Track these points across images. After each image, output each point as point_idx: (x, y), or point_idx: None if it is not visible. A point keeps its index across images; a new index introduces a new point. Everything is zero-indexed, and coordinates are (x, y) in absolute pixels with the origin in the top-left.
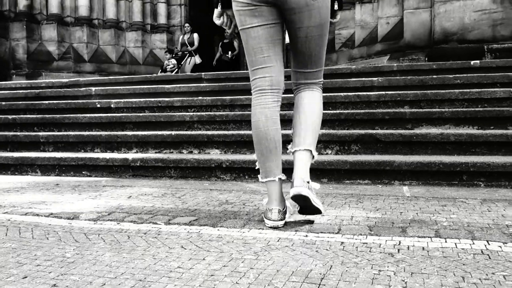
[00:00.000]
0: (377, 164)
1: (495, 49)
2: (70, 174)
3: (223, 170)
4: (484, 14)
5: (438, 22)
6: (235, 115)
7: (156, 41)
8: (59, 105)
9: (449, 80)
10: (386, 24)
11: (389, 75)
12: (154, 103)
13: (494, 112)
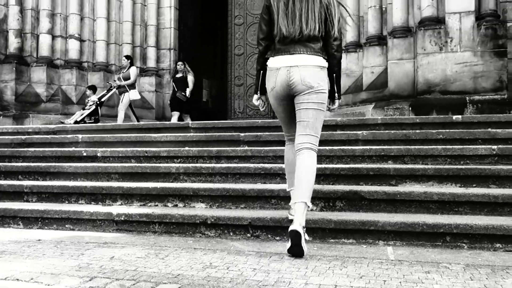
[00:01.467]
0: (361, 224)
1: (477, 101)
2: (53, 228)
3: (208, 226)
4: (465, 66)
5: (421, 73)
6: (221, 167)
7: (145, 84)
8: (45, 152)
9: (432, 135)
10: (371, 73)
11: (373, 128)
12: (141, 153)
13: (476, 170)
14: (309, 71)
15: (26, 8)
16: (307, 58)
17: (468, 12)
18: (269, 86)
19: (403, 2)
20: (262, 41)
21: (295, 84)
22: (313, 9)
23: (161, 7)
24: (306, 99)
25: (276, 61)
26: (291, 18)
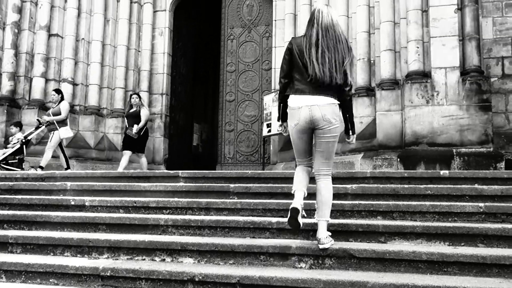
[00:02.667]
0: (351, 285)
1: (464, 153)
2: (37, 282)
3: (196, 284)
4: (451, 119)
5: (409, 125)
6: (210, 220)
7: None
8: (32, 200)
9: (420, 191)
10: (360, 123)
11: (363, 181)
12: (130, 203)
13: (464, 228)
14: (328, 109)
15: (21, 52)
16: (324, 99)
17: (453, 67)
18: (292, 123)
19: (391, 56)
20: (282, 79)
21: (317, 121)
22: (340, 67)
23: (154, 53)
24: (325, 132)
25: (297, 101)
26: (320, 69)
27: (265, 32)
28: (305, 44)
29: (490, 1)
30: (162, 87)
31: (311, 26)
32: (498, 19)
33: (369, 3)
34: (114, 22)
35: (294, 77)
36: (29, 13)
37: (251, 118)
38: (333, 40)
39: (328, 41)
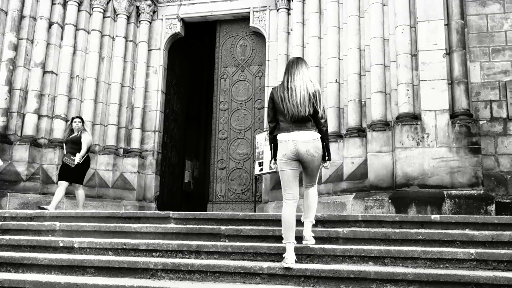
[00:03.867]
0: None
1: (454, 196)
2: None
3: None
4: (442, 161)
5: (400, 166)
6: (201, 265)
7: (128, 165)
8: (20, 241)
9: (412, 236)
10: (351, 163)
11: (354, 225)
12: (119, 245)
13: (455, 276)
14: (311, 144)
15: (15, 88)
16: (306, 134)
17: (443, 110)
18: (281, 153)
19: (381, 98)
20: (270, 123)
21: (302, 154)
22: (306, 99)
23: (148, 90)
24: (309, 163)
25: (284, 136)
26: (298, 104)
27: (258, 72)
28: (281, 90)
29: (478, 46)
30: (155, 124)
31: (285, 74)
32: (486, 63)
33: (359, 46)
34: (109, 60)
35: (279, 119)
36: (24, 50)
37: (243, 156)
38: (300, 81)
39: (296, 83)
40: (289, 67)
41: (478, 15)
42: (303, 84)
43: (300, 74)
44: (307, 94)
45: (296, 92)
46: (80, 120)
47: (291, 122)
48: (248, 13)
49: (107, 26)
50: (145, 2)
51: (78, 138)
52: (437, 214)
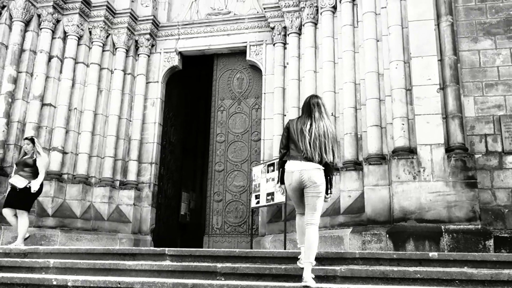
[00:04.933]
0: None
1: (452, 230)
2: None
3: None
4: (439, 196)
5: (397, 200)
6: None
7: (124, 197)
8: (13, 279)
9: (410, 274)
10: (348, 197)
11: (351, 262)
12: (114, 284)
13: None
14: (314, 173)
15: (13, 121)
16: (311, 164)
17: (438, 144)
18: (287, 183)
19: (377, 132)
20: (282, 150)
21: (305, 181)
22: (329, 146)
23: (145, 122)
24: (312, 190)
25: (291, 166)
26: (313, 148)
27: (255, 104)
28: (300, 128)
29: (471, 81)
30: (151, 156)
31: (306, 116)
32: (479, 98)
33: (355, 80)
34: (107, 92)
35: (290, 147)
36: (24, 83)
37: (239, 188)
38: (323, 130)
39: (319, 131)
40: (311, 109)
41: (471, 51)
42: (328, 137)
43: (323, 122)
44: (323, 146)
45: (320, 142)
46: (30, 142)
47: (302, 154)
48: (245, 47)
49: (106, 60)
50: (144, 36)
51: (31, 161)
52: (435, 249)
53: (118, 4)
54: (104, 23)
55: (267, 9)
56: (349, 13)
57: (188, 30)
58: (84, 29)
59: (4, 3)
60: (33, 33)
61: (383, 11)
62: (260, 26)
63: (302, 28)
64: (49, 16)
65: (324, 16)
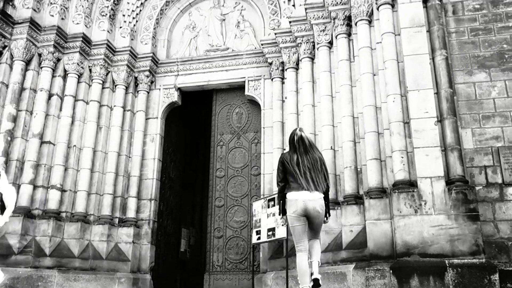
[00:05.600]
0: None
1: (456, 265)
2: None
3: None
4: (441, 229)
5: (399, 235)
6: None
7: (123, 235)
8: None
9: None
10: (350, 231)
11: None
12: None
13: None
14: (317, 203)
15: (12, 159)
16: (314, 194)
17: (438, 177)
18: (291, 211)
19: (377, 165)
20: (280, 183)
21: (310, 211)
22: (321, 177)
23: (145, 159)
24: (315, 218)
25: (294, 195)
26: (307, 181)
27: (254, 139)
28: (290, 162)
29: (468, 113)
30: (151, 192)
31: (293, 151)
32: (477, 130)
33: (353, 114)
34: (106, 129)
35: (289, 179)
36: (23, 122)
37: (240, 224)
38: (311, 162)
39: (309, 164)
40: (295, 145)
41: (466, 83)
42: (318, 166)
43: (309, 153)
44: (317, 177)
45: (311, 174)
46: None
47: (300, 185)
48: (244, 82)
49: (106, 96)
50: (143, 73)
51: None
52: (440, 284)
53: (118, 42)
54: (104, 61)
55: (265, 45)
56: (345, 48)
57: (187, 67)
58: (84, 67)
59: (6, 43)
60: (33, 72)
61: (378, 46)
62: (258, 62)
63: (299, 63)
64: (50, 55)
65: (320, 52)
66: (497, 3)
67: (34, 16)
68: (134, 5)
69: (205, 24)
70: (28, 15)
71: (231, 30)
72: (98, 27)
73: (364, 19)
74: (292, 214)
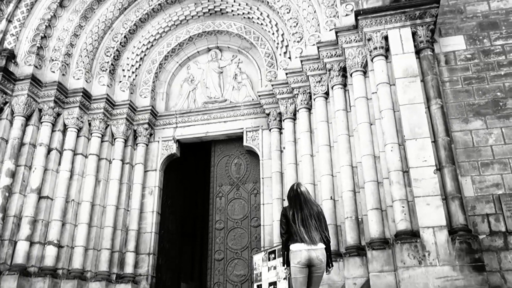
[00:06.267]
0: None
1: None
2: None
3: None
4: (447, 281)
5: (404, 287)
6: None
7: None
8: None
9: None
10: (353, 284)
11: None
12: None
13: None
14: (320, 252)
15: (9, 215)
16: (316, 246)
17: (441, 226)
18: (295, 261)
19: (378, 215)
20: (284, 235)
21: (313, 260)
22: (321, 230)
23: (143, 212)
24: (317, 268)
25: (298, 246)
26: (308, 234)
27: (253, 189)
28: (291, 217)
29: (466, 161)
30: (149, 246)
31: (292, 206)
32: (477, 177)
33: (351, 164)
34: (105, 182)
35: (291, 231)
36: (22, 177)
37: (240, 277)
38: (310, 215)
39: (310, 218)
40: (295, 201)
41: (463, 131)
42: (319, 221)
43: (307, 208)
44: (318, 230)
45: (309, 228)
46: None
47: (304, 238)
48: (242, 133)
49: (105, 150)
50: (142, 126)
51: None
52: None
53: (117, 96)
54: (103, 115)
55: (262, 97)
56: (341, 98)
57: (186, 119)
58: (84, 121)
59: (7, 99)
60: (33, 127)
61: (374, 96)
62: (256, 113)
63: (296, 113)
64: (50, 110)
65: (317, 102)
66: (488, 53)
67: (36, 73)
68: (134, 60)
69: (203, 76)
70: (29, 71)
71: (228, 82)
72: (98, 82)
73: (359, 70)
74: (296, 265)
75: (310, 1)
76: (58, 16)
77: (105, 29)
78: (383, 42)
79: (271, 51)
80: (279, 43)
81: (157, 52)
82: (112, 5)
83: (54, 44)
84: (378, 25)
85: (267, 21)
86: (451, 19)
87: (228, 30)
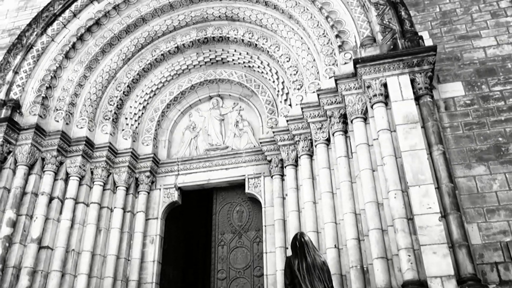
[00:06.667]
0: None
1: None
2: None
3: None
4: None
5: None
6: None
7: None
8: None
9: None
10: None
11: None
12: None
13: None
14: None
15: (9, 266)
16: None
17: (449, 276)
18: None
19: (383, 264)
20: (288, 286)
21: None
22: (326, 275)
23: (144, 261)
24: None
25: None
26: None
27: (256, 237)
28: (295, 267)
29: (471, 207)
30: None
31: (296, 256)
32: (483, 224)
33: (355, 211)
34: (106, 231)
35: (295, 281)
36: (22, 227)
37: None
38: (314, 265)
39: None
40: (297, 251)
41: (466, 177)
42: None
43: (310, 257)
44: (322, 279)
45: (312, 278)
46: None
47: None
48: (244, 180)
49: (106, 198)
50: (144, 173)
51: None
52: None
53: (120, 144)
54: (106, 163)
55: (263, 143)
56: (343, 145)
57: (187, 166)
58: (86, 169)
59: (10, 148)
60: (36, 176)
61: (375, 142)
62: (258, 159)
63: (298, 160)
64: (53, 159)
65: (318, 149)
66: (487, 98)
67: (40, 122)
68: (137, 108)
69: (205, 124)
70: (34, 121)
71: (230, 129)
72: (101, 130)
73: (359, 117)
74: None
75: (309, 50)
76: (64, 67)
77: (109, 79)
78: (382, 89)
79: (271, 99)
80: (280, 91)
81: (159, 101)
82: (116, 55)
83: (59, 94)
84: (376, 72)
85: (267, 70)
86: (448, 66)
87: (229, 78)
